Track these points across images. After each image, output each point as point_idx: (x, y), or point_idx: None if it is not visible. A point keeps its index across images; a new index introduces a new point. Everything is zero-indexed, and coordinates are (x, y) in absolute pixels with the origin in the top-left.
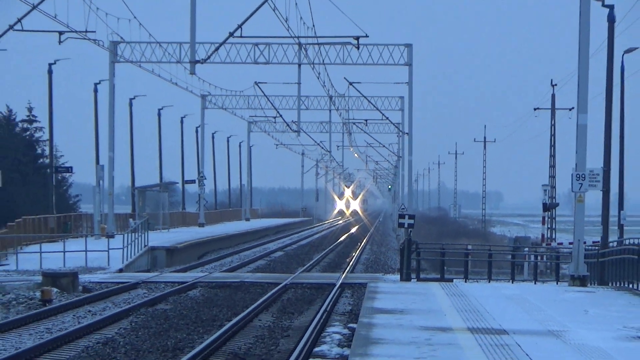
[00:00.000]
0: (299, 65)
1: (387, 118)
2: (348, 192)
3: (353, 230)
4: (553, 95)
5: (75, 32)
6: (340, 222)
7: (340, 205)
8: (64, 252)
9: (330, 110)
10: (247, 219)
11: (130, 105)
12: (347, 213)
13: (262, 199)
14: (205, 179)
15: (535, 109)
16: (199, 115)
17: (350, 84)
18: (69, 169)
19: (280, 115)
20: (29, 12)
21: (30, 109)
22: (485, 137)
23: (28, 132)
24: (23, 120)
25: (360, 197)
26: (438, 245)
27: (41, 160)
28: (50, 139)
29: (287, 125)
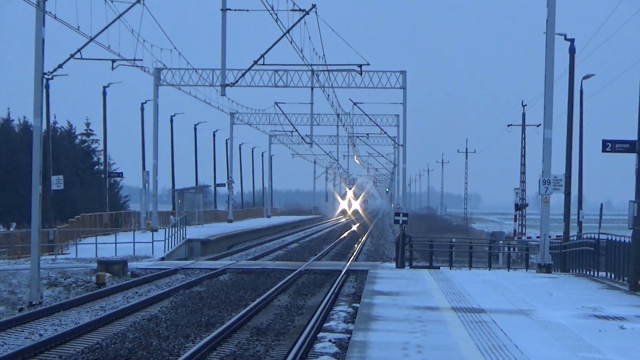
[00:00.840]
0: (312, 88)
1: (385, 132)
2: (350, 194)
3: (354, 227)
4: (523, 114)
5: (125, 60)
6: (343, 220)
7: (343, 204)
8: (116, 243)
9: (337, 126)
10: (269, 216)
11: (171, 121)
12: (349, 212)
13: (280, 200)
14: (234, 182)
15: (508, 125)
16: (228, 130)
17: (355, 104)
18: (120, 174)
19: (296, 130)
20: (87, 44)
21: (87, 124)
22: (467, 148)
23: (86, 144)
24: (82, 134)
25: (360, 197)
26: (427, 238)
27: (97, 167)
28: (105, 149)
29: (302, 138)
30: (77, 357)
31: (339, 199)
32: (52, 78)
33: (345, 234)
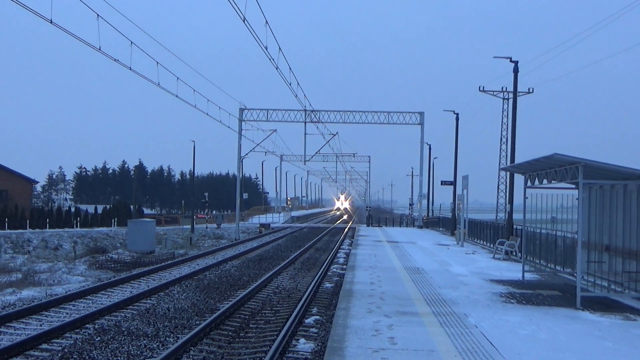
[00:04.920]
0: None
1: (360, 175)
2: (341, 198)
3: (346, 215)
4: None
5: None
6: (338, 213)
7: (337, 204)
8: (265, 217)
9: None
10: (306, 208)
11: (281, 161)
12: (341, 208)
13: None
14: (268, 192)
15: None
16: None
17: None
18: (267, 192)
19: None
20: (257, 146)
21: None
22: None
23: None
24: (255, 179)
25: (348, 199)
26: (377, 215)
27: (259, 189)
28: (263, 182)
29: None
30: (257, 252)
31: (335, 200)
32: (244, 157)
33: (345, 217)
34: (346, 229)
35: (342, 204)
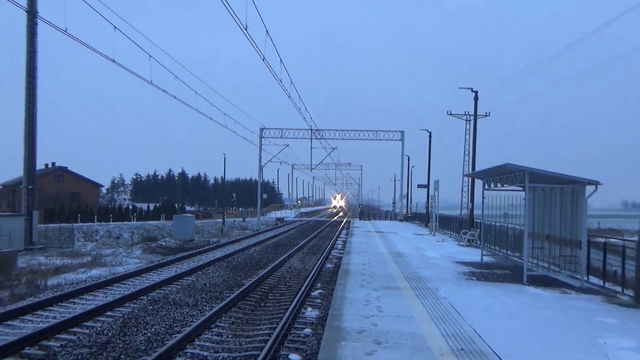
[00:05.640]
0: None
1: (353, 179)
2: (338, 197)
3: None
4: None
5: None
6: (335, 210)
7: (334, 202)
8: (280, 213)
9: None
10: (311, 205)
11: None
12: (337, 206)
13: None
14: (282, 194)
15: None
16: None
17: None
18: (281, 193)
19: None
20: (272, 158)
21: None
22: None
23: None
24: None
25: (344, 198)
26: (369, 211)
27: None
28: (278, 185)
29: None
30: (274, 240)
31: (332, 199)
32: (264, 166)
33: (341, 213)
34: (343, 222)
35: (339, 202)
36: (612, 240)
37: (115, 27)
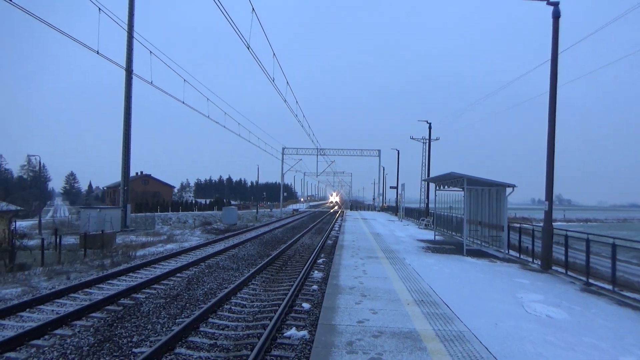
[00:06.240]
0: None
1: (348, 185)
2: (334, 194)
3: (337, 206)
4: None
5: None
6: (331, 204)
7: (331, 198)
8: (296, 205)
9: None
10: (316, 200)
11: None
12: (333, 201)
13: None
14: (297, 192)
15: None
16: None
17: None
18: (296, 192)
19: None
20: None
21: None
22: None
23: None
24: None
25: (339, 195)
26: (356, 204)
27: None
28: (294, 186)
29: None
30: (292, 224)
31: (329, 196)
32: (284, 174)
33: (336, 207)
34: (339, 212)
35: (334, 198)
36: (524, 225)
37: (184, 80)
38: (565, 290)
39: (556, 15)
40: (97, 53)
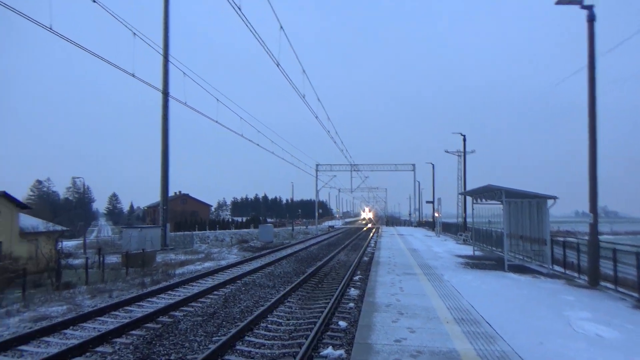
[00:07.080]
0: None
1: (384, 202)
2: (366, 210)
3: (370, 224)
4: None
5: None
6: (364, 221)
7: (363, 214)
8: (332, 222)
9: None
10: (351, 217)
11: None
12: (366, 218)
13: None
14: (332, 209)
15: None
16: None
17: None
18: (331, 208)
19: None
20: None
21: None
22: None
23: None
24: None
25: (372, 212)
26: (392, 220)
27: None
28: (329, 202)
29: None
30: (327, 241)
31: (362, 212)
32: (319, 191)
33: (370, 224)
34: (374, 229)
35: (367, 214)
36: (569, 239)
37: (217, 99)
38: (616, 307)
39: (591, 19)
40: (133, 76)
